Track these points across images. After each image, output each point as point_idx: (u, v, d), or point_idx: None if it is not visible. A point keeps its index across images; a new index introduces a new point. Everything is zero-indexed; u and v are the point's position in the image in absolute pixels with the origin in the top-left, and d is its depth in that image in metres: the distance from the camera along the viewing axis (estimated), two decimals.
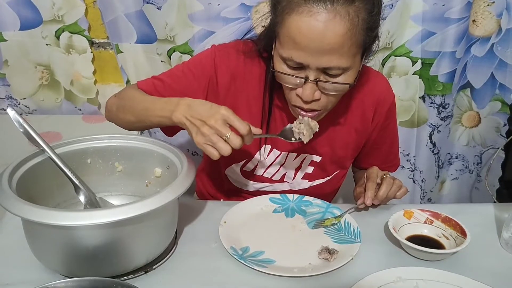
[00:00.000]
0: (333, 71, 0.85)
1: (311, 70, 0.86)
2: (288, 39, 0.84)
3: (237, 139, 0.81)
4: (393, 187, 0.99)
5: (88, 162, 0.95)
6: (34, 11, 1.52)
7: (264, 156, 1.10)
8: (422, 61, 1.51)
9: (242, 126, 0.81)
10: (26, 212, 0.70)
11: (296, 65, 0.87)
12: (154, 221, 0.79)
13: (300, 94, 0.90)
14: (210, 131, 0.81)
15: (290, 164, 1.11)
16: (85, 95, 1.65)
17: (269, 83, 1.02)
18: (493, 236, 0.97)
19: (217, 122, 0.80)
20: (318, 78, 0.87)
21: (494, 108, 1.58)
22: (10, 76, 1.63)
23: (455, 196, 1.75)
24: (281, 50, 0.87)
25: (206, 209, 1.03)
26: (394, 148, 1.21)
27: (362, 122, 1.10)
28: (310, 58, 0.84)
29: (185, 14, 1.45)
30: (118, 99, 1.02)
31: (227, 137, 0.81)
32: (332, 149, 1.11)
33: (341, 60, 0.84)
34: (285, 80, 0.91)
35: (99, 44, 1.60)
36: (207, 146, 0.82)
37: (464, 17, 1.42)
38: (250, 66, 1.03)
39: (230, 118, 0.81)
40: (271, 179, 1.13)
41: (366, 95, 1.08)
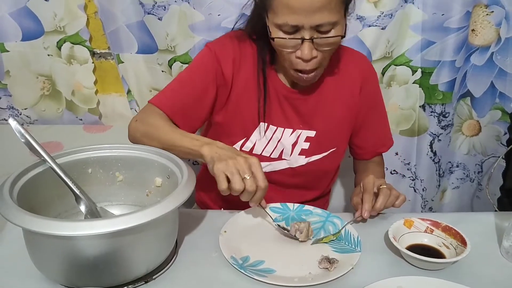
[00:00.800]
0: (325, 27, 0.95)
1: (306, 30, 0.95)
2: (282, 6, 0.94)
3: (253, 184, 0.87)
4: (390, 198, 0.99)
5: (89, 172, 0.95)
6: (36, 22, 1.53)
7: (262, 133, 1.15)
8: (422, 70, 1.51)
9: (262, 179, 0.88)
10: (27, 222, 0.70)
11: (291, 29, 0.96)
12: (155, 230, 0.79)
13: (299, 55, 0.99)
14: (235, 164, 0.87)
15: (286, 140, 1.17)
16: (86, 105, 1.66)
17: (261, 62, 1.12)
18: (493, 245, 0.97)
19: (245, 162, 0.88)
20: (313, 37, 0.96)
21: (495, 117, 1.58)
22: (11, 87, 1.63)
23: (456, 204, 1.74)
24: (276, 19, 0.97)
25: (206, 218, 1.03)
26: (385, 127, 1.29)
27: (350, 97, 1.18)
28: (304, 18, 0.93)
29: (186, 24, 1.46)
30: (141, 124, 1.07)
31: (245, 178, 0.87)
32: (325, 123, 1.17)
33: (330, 15, 0.94)
34: (284, 45, 1.00)
35: (100, 54, 1.61)
36: (223, 174, 0.87)
37: (463, 26, 1.43)
38: (244, 49, 1.13)
39: (257, 168, 0.88)
40: (270, 157, 1.17)
41: (351, 70, 1.18)
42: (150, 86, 1.61)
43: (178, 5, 1.44)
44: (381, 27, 1.44)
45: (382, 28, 1.44)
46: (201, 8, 1.43)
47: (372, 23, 1.44)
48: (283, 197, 1.17)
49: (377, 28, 1.44)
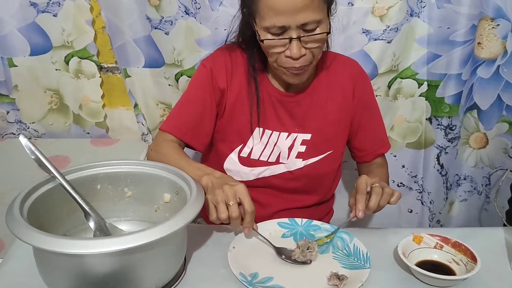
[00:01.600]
0: (310, 25, 1.00)
1: (292, 30, 1.00)
2: (267, 9, 0.98)
3: (237, 210, 0.90)
4: (383, 196, 0.98)
5: (98, 188, 0.95)
6: (44, 37, 1.55)
7: (258, 138, 1.18)
8: (428, 83, 1.51)
9: (248, 204, 0.91)
10: (37, 241, 0.70)
11: (278, 30, 1.00)
12: (164, 248, 0.79)
13: (289, 55, 1.03)
14: (221, 194, 0.91)
15: (282, 143, 1.18)
16: (94, 119, 1.67)
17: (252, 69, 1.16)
18: (503, 261, 0.96)
19: (230, 190, 0.91)
20: (300, 35, 1.00)
21: (502, 130, 1.57)
22: (19, 101, 1.65)
23: (464, 217, 1.73)
24: (263, 22, 1.01)
25: (215, 234, 1.03)
26: (381, 129, 1.30)
27: (343, 98, 1.20)
28: (289, 19, 0.98)
29: (193, 39, 1.48)
30: (155, 154, 1.14)
31: (229, 204, 0.89)
32: (319, 126, 1.19)
33: (314, 14, 0.99)
34: (273, 46, 1.04)
35: (108, 68, 1.62)
36: (211, 205, 0.91)
37: (469, 39, 1.43)
38: (235, 58, 1.18)
39: (242, 193, 0.91)
40: (268, 162, 1.19)
41: (342, 73, 1.21)
42: (157, 100, 1.62)
43: (185, 20, 1.46)
44: (387, 40, 1.44)
45: (388, 42, 1.44)
46: (207, 23, 1.44)
47: (378, 37, 1.44)
48: (284, 203, 1.18)
49: (383, 41, 1.44)
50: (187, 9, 1.44)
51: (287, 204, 1.17)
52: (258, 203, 1.18)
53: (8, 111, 1.66)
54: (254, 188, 1.19)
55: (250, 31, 1.10)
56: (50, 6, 1.50)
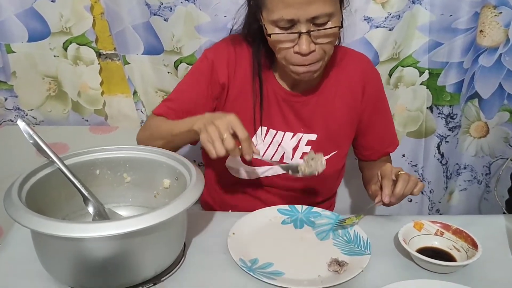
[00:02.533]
0: (321, 19, 0.95)
1: (302, 24, 0.95)
2: (276, 1, 0.94)
3: (231, 141, 0.88)
4: (409, 183, 0.97)
5: (96, 173, 0.95)
6: (42, 23, 1.53)
7: (261, 138, 1.14)
8: (430, 72, 1.50)
9: (241, 132, 0.89)
10: (35, 224, 0.70)
11: (287, 24, 0.96)
12: (163, 232, 0.78)
13: (297, 50, 0.98)
14: (213, 129, 0.88)
15: (287, 144, 1.16)
16: (92, 106, 1.66)
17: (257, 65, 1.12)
18: (504, 248, 0.96)
19: (221, 123, 0.88)
20: (310, 30, 0.95)
21: (503, 118, 1.56)
22: (17, 88, 1.63)
23: (464, 207, 1.73)
24: (271, 15, 0.96)
25: (215, 220, 1.02)
26: (390, 127, 1.28)
27: (352, 98, 1.17)
28: (299, 11, 0.93)
29: (192, 25, 1.46)
30: (145, 130, 1.14)
31: (224, 138, 0.88)
32: (326, 126, 1.16)
33: (325, 6, 0.94)
34: (281, 41, 0.99)
35: (106, 55, 1.61)
36: (208, 143, 0.89)
37: (472, 27, 1.42)
38: (240, 52, 1.13)
39: (234, 122, 0.89)
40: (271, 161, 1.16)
41: (351, 71, 1.16)
42: (156, 87, 1.61)
43: (184, 6, 1.44)
44: (389, 28, 1.43)
45: (390, 29, 1.43)
46: (207, 9, 1.43)
47: (379, 24, 1.43)
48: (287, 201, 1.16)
49: (384, 29, 1.43)
50: None
51: (290, 202, 1.14)
52: (261, 201, 1.18)
53: (6, 98, 1.65)
54: (256, 186, 1.19)
55: (256, 24, 1.05)
56: None
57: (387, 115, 1.26)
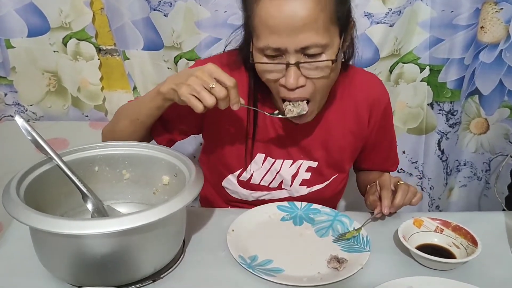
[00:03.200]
0: (312, 49, 0.84)
1: (291, 54, 0.85)
2: (262, 26, 0.84)
3: (222, 89, 0.81)
4: (408, 194, 0.97)
5: (95, 170, 0.94)
6: (41, 18, 1.52)
7: (258, 165, 1.09)
8: (430, 68, 1.50)
9: (227, 79, 0.82)
10: (34, 221, 0.70)
11: (274, 52, 0.86)
12: (162, 229, 0.78)
13: (283, 83, 0.88)
14: (196, 81, 0.81)
15: (286, 171, 1.10)
16: (92, 101, 1.65)
17: (253, 92, 1.02)
18: (504, 245, 0.96)
19: (203, 74, 0.82)
20: (299, 61, 0.85)
21: (503, 115, 1.56)
22: (17, 83, 1.63)
23: (463, 203, 1.73)
24: (258, 42, 0.87)
25: (214, 217, 1.02)
26: (393, 146, 1.23)
27: (357, 124, 1.10)
28: (287, 40, 0.83)
29: (192, 21, 1.45)
30: (111, 120, 1.06)
31: (211, 87, 0.81)
32: (327, 153, 1.10)
33: (317, 36, 0.83)
34: (267, 71, 0.90)
35: (106, 51, 1.60)
36: (191, 97, 0.82)
37: (473, 23, 1.41)
38: (236, 76, 0.96)
39: (217, 71, 0.82)
40: (269, 187, 1.12)
41: (358, 95, 1.07)
42: (155, 83, 1.60)
43: (184, 1, 1.43)
44: (389, 24, 1.42)
45: (390, 25, 1.43)
46: (207, 4, 1.42)
47: (380, 20, 1.42)
48: None
49: (385, 25, 1.43)
50: None
51: None
52: None
53: (6, 93, 1.64)
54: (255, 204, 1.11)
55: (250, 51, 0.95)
56: None
57: (391, 136, 1.21)
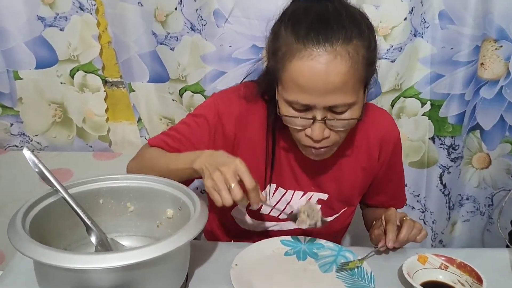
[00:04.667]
0: (339, 108, 0.88)
1: (318, 110, 0.88)
2: (292, 83, 0.87)
3: (239, 192, 0.83)
4: (413, 230, 0.98)
5: (100, 202, 0.95)
6: (50, 50, 1.55)
7: (269, 196, 1.10)
8: (431, 103, 1.52)
9: (249, 181, 0.84)
10: (38, 254, 0.70)
11: (302, 107, 0.89)
12: (167, 264, 0.78)
13: (309, 134, 0.91)
14: (219, 178, 0.83)
15: (296, 203, 1.11)
16: (97, 132, 1.67)
17: (272, 125, 1.04)
18: (509, 283, 0.95)
19: (228, 171, 0.83)
20: (326, 117, 0.89)
21: (505, 150, 1.57)
22: (23, 113, 1.65)
23: (466, 238, 1.72)
24: (286, 94, 0.89)
25: (217, 250, 1.02)
26: (401, 184, 1.24)
27: (368, 160, 1.11)
28: (316, 99, 0.86)
29: (198, 55, 1.48)
30: (137, 161, 1.07)
31: (231, 187, 0.83)
32: (338, 187, 1.11)
33: (346, 97, 0.87)
34: (293, 123, 0.93)
35: (112, 83, 1.63)
36: (213, 191, 0.84)
37: (473, 60, 1.44)
38: (253, 109, 1.04)
39: (241, 170, 0.84)
40: (278, 218, 1.13)
41: (370, 132, 1.10)
42: (160, 115, 1.62)
43: (190, 36, 1.46)
44: (391, 60, 1.45)
45: (392, 61, 1.45)
46: (212, 39, 1.45)
47: (381, 56, 1.45)
48: None
49: (386, 61, 1.45)
50: (192, 26, 1.45)
51: None
52: None
53: (12, 124, 1.66)
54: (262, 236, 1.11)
55: (273, 87, 0.97)
56: (57, 21, 1.51)
57: (400, 173, 1.22)
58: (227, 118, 1.04)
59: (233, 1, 1.39)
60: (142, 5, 1.45)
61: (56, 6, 1.49)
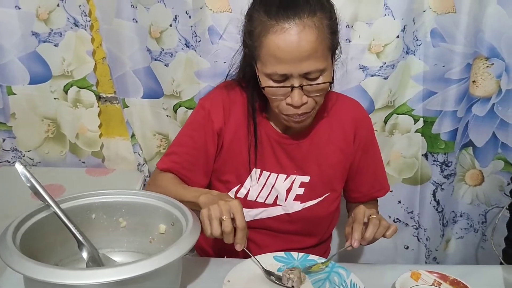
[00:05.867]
0: (313, 74, 0.99)
1: (295, 78, 0.99)
2: (269, 57, 0.98)
3: (229, 225, 0.89)
4: (379, 228, 0.98)
5: (92, 217, 0.94)
6: (44, 66, 1.56)
7: (255, 179, 1.16)
8: (424, 120, 1.53)
9: (240, 221, 0.90)
10: (29, 270, 0.69)
11: (280, 77, 0.99)
12: (158, 280, 0.77)
13: (290, 102, 1.02)
14: (215, 209, 0.90)
15: (280, 186, 1.17)
16: (90, 148, 1.66)
17: (251, 109, 1.15)
18: None
19: (224, 205, 0.90)
20: (302, 84, 0.99)
21: (497, 167, 1.58)
22: (16, 129, 1.64)
23: (460, 255, 1.71)
24: (265, 68, 1.00)
25: (210, 266, 1.01)
26: (380, 171, 1.29)
27: (344, 142, 1.19)
28: (292, 67, 0.97)
29: (192, 71, 1.49)
30: (153, 186, 1.14)
31: (222, 220, 0.89)
32: (319, 168, 1.17)
33: (317, 63, 0.98)
34: (274, 93, 1.03)
35: (106, 98, 1.63)
36: (206, 219, 0.90)
37: (464, 77, 1.45)
38: (233, 96, 1.17)
39: (236, 209, 0.90)
40: (265, 203, 1.17)
41: (344, 115, 1.20)
42: (154, 131, 1.62)
43: (185, 52, 1.48)
44: (384, 77, 1.46)
45: (385, 78, 1.47)
46: (207, 55, 1.46)
47: (374, 73, 1.46)
48: (282, 244, 1.16)
49: (379, 78, 1.47)
50: (187, 42, 1.46)
51: (284, 245, 1.14)
52: (255, 243, 1.17)
53: (4, 139, 1.66)
54: (251, 229, 1.16)
55: (251, 71, 1.09)
56: (51, 36, 1.52)
57: (377, 160, 1.27)
58: (215, 113, 1.14)
59: (228, 17, 1.41)
60: (137, 22, 1.46)
61: (50, 22, 1.51)
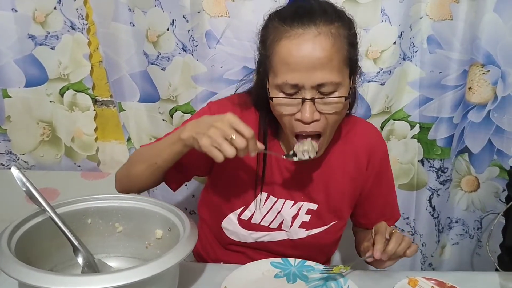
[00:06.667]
0: (327, 87, 0.91)
1: (307, 90, 0.91)
2: (281, 64, 0.92)
3: (242, 141, 0.85)
4: (402, 243, 0.96)
5: (88, 222, 0.94)
6: (40, 69, 1.55)
7: (260, 204, 1.11)
8: (420, 126, 1.53)
9: (247, 130, 0.86)
10: (23, 275, 0.69)
11: (291, 89, 0.92)
12: (154, 286, 0.77)
13: (300, 118, 0.94)
14: (216, 133, 0.85)
15: (287, 212, 1.12)
16: (85, 151, 1.66)
17: (263, 133, 1.08)
18: None
19: (223, 125, 0.86)
20: (314, 97, 0.92)
21: (493, 173, 1.58)
22: (11, 132, 1.63)
23: (456, 261, 1.72)
24: (276, 79, 0.93)
25: (206, 272, 1.00)
26: (391, 199, 1.24)
27: (356, 170, 1.13)
28: (304, 77, 0.90)
29: (189, 75, 1.49)
30: (125, 164, 1.09)
31: (232, 139, 0.85)
32: (328, 197, 1.12)
33: (332, 74, 0.90)
34: (284, 106, 0.95)
35: (102, 102, 1.63)
36: (213, 148, 0.86)
37: (461, 84, 1.46)
38: (247, 116, 1.08)
39: (236, 122, 0.86)
40: (269, 227, 1.13)
41: (358, 142, 1.13)
42: (150, 135, 1.62)
43: (182, 56, 1.47)
44: (380, 83, 1.47)
45: (381, 84, 1.47)
46: (204, 60, 1.46)
47: (371, 79, 1.46)
48: None
49: (376, 83, 1.47)
50: (184, 46, 1.46)
51: None
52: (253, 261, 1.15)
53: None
54: (252, 249, 1.15)
55: (264, 92, 1.00)
56: (48, 39, 1.52)
57: (390, 188, 1.22)
58: None
59: (225, 22, 1.40)
60: (134, 25, 1.46)
61: (47, 25, 1.50)
